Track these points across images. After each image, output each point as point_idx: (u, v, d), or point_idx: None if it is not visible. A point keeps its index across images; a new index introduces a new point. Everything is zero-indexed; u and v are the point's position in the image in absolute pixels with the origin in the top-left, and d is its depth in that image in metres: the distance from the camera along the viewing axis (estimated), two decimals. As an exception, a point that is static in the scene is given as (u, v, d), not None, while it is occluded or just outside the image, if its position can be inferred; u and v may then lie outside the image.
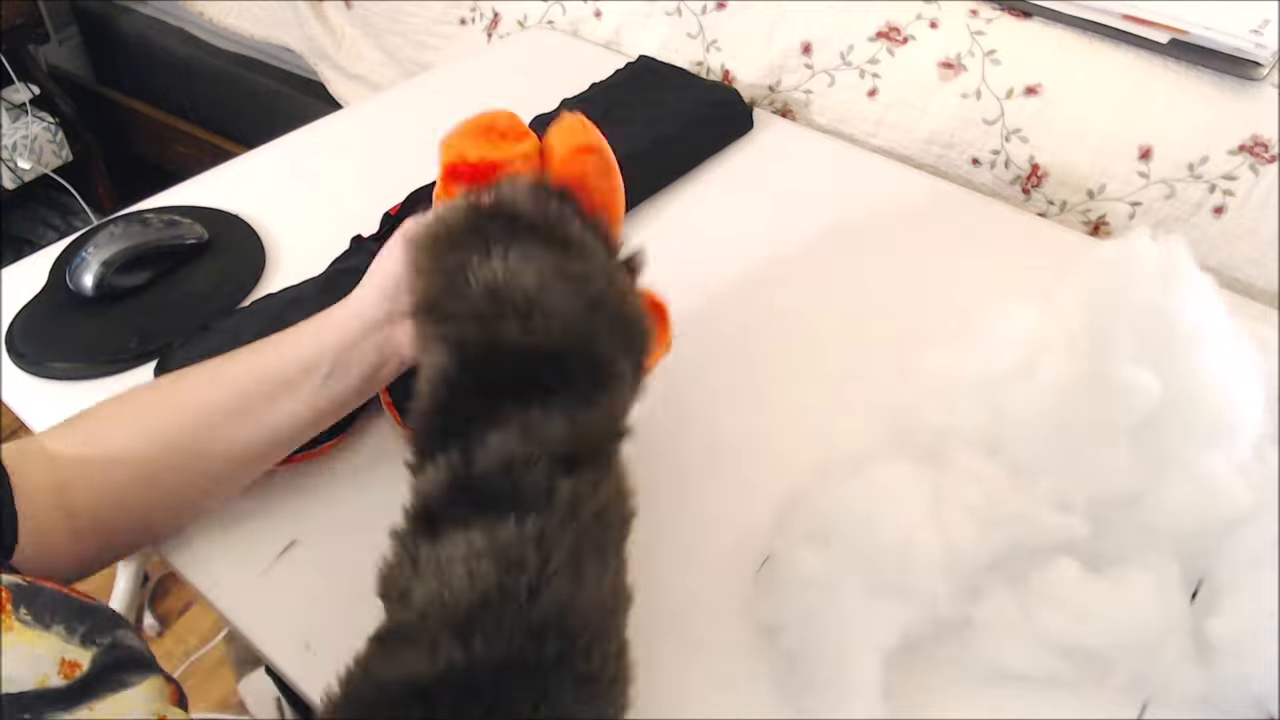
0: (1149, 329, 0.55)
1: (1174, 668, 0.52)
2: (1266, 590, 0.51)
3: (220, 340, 0.69)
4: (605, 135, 0.53)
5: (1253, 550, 0.53)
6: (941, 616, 0.53)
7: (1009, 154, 0.94)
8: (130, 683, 0.40)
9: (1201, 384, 0.55)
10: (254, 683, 1.19)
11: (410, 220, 0.53)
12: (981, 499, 0.55)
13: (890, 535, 0.53)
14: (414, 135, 0.97)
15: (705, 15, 1.07)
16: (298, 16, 1.39)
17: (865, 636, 0.52)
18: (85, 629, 0.41)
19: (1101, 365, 0.55)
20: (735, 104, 0.98)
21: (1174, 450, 0.55)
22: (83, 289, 0.76)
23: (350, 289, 0.56)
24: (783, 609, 0.55)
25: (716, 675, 0.54)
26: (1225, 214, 0.85)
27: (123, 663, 0.41)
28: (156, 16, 1.75)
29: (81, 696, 0.38)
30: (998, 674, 0.54)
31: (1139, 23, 0.87)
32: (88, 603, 0.42)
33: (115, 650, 0.41)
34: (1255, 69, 0.82)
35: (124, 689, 0.40)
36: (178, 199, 0.89)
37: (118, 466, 0.52)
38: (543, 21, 1.19)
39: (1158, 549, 0.55)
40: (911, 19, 0.96)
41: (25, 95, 1.75)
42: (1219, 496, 0.54)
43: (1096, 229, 0.92)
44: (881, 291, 0.80)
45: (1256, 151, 0.82)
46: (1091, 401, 0.55)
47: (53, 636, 0.39)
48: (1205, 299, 0.58)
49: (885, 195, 0.92)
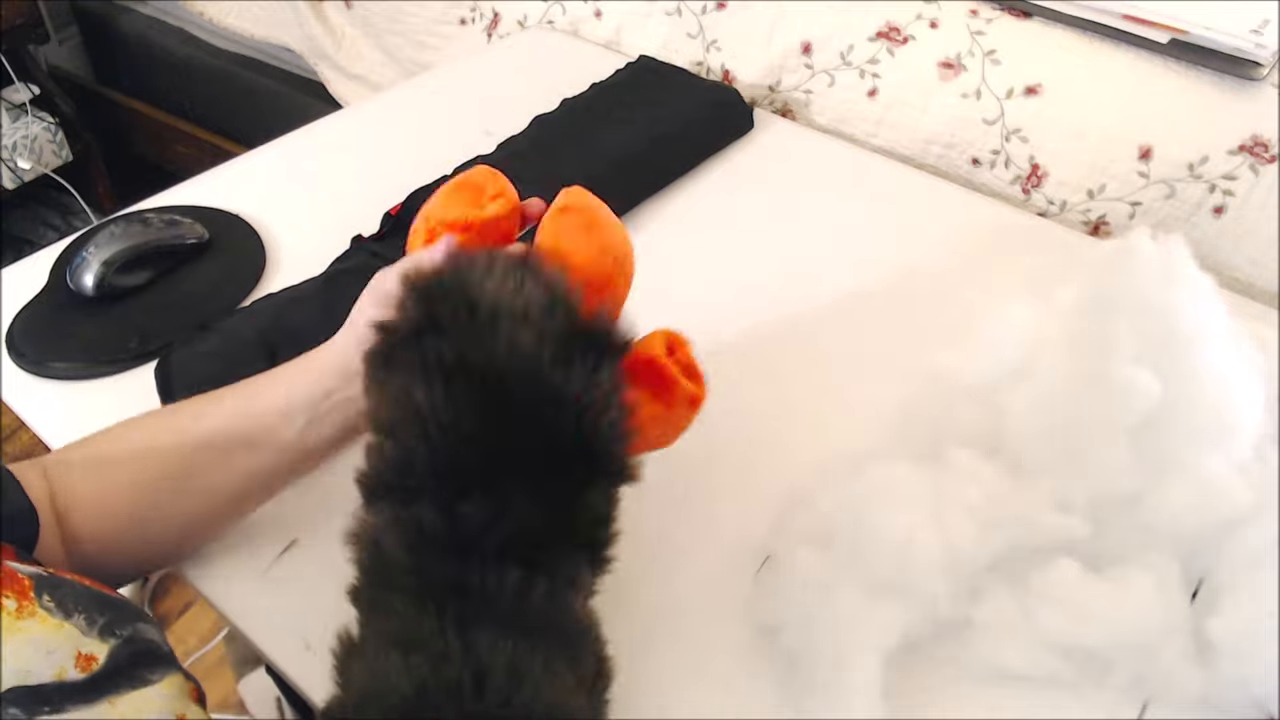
0: (1149, 329, 0.55)
1: (1174, 668, 0.52)
2: (1266, 591, 0.51)
3: (219, 340, 0.69)
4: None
5: (1253, 550, 0.53)
6: (941, 617, 0.53)
7: (1009, 154, 0.94)
8: (151, 680, 0.41)
9: (1201, 384, 0.55)
10: (254, 683, 1.19)
11: (380, 274, 0.53)
12: (981, 499, 0.55)
13: (890, 535, 0.53)
14: (414, 135, 0.98)
15: (705, 15, 1.07)
16: (298, 16, 1.39)
17: (865, 637, 0.52)
18: (105, 620, 0.41)
19: (1101, 365, 0.55)
20: (735, 104, 0.98)
21: (1174, 450, 0.55)
22: (83, 289, 0.76)
23: (350, 288, 0.56)
24: (783, 609, 0.55)
25: (716, 675, 0.54)
26: (1225, 214, 0.85)
27: (142, 657, 0.41)
28: (156, 16, 1.75)
29: (102, 691, 0.38)
30: (997, 674, 0.54)
31: (1139, 23, 0.87)
32: (110, 595, 0.43)
33: (134, 643, 0.41)
34: (1255, 69, 0.82)
35: (145, 685, 0.40)
36: (178, 199, 0.89)
37: (112, 502, 0.52)
38: (543, 21, 1.19)
39: (1158, 549, 0.55)
40: (911, 19, 0.96)
41: (25, 95, 1.75)
42: (1219, 497, 0.54)
43: (1096, 229, 0.92)
44: (881, 291, 0.80)
45: (1256, 151, 0.82)
46: (1091, 402, 0.55)
47: (71, 627, 0.40)
48: (1205, 299, 0.58)
49: (885, 195, 0.92)
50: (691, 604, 0.57)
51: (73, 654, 0.38)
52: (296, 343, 0.67)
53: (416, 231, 0.53)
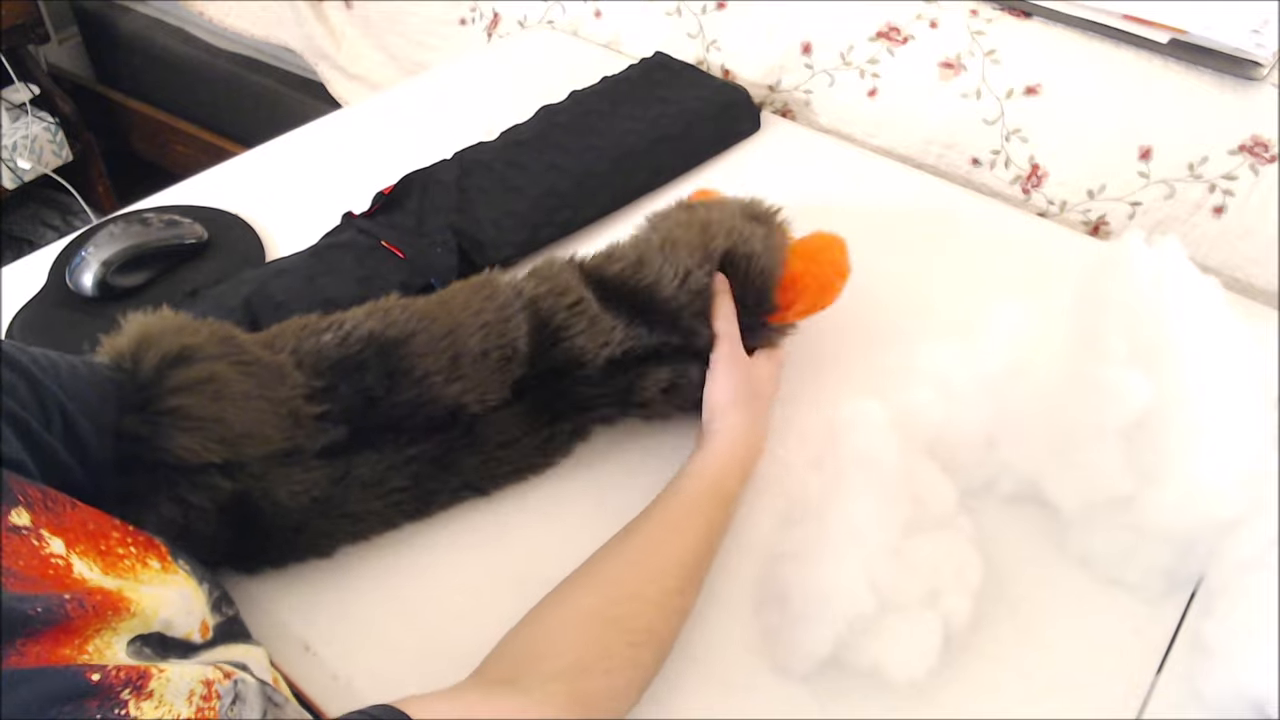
0: (1141, 331, 0.55)
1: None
2: (1262, 593, 0.51)
3: (206, 307, 0.70)
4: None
5: (1248, 552, 0.53)
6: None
7: (1009, 154, 0.94)
8: (252, 642, 0.47)
9: (1194, 386, 0.55)
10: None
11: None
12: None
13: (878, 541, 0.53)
14: (414, 135, 0.98)
15: (705, 15, 1.07)
16: (298, 16, 1.39)
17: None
18: (218, 595, 0.46)
19: (1093, 367, 0.55)
20: (743, 104, 0.98)
21: (1167, 452, 0.55)
22: (82, 289, 0.76)
23: (339, 263, 0.57)
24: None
25: (717, 677, 0.54)
26: (1225, 214, 0.85)
27: (239, 634, 0.46)
28: (156, 16, 1.75)
29: (214, 646, 0.44)
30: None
31: (1139, 23, 0.87)
32: (216, 576, 0.48)
33: (235, 623, 0.47)
34: (1255, 69, 0.82)
35: (249, 642, 0.46)
36: (178, 199, 0.89)
37: None
38: (543, 21, 1.19)
39: (1148, 550, 0.55)
40: (911, 19, 0.96)
41: (25, 95, 1.74)
42: (1211, 498, 0.54)
43: (1096, 229, 0.92)
44: (881, 291, 0.79)
45: (1256, 151, 0.82)
46: (1083, 402, 0.55)
47: (203, 592, 0.45)
48: (1201, 300, 0.58)
49: (885, 195, 0.91)
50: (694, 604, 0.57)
51: (200, 620, 0.43)
52: (279, 311, 0.68)
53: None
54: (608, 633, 0.48)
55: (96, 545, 0.41)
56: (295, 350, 0.55)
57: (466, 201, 0.82)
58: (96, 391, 0.48)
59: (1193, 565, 0.56)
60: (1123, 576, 0.57)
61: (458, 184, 0.83)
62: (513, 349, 0.59)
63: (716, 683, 0.54)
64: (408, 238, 0.78)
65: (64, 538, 0.39)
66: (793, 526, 0.58)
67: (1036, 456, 0.59)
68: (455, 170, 0.85)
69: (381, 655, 0.55)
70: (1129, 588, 0.57)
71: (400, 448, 0.57)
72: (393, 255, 0.76)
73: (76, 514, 0.41)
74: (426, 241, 0.77)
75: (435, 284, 0.74)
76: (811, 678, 0.53)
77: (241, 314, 0.69)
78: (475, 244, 0.78)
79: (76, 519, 0.41)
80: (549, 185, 0.84)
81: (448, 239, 0.77)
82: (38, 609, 0.34)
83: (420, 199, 0.82)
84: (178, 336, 0.52)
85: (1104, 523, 0.56)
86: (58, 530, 0.39)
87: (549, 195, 0.83)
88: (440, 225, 0.79)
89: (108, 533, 0.42)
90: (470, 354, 0.58)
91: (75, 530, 0.40)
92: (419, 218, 0.80)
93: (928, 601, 0.53)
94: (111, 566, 0.41)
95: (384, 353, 0.56)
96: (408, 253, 0.76)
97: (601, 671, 0.47)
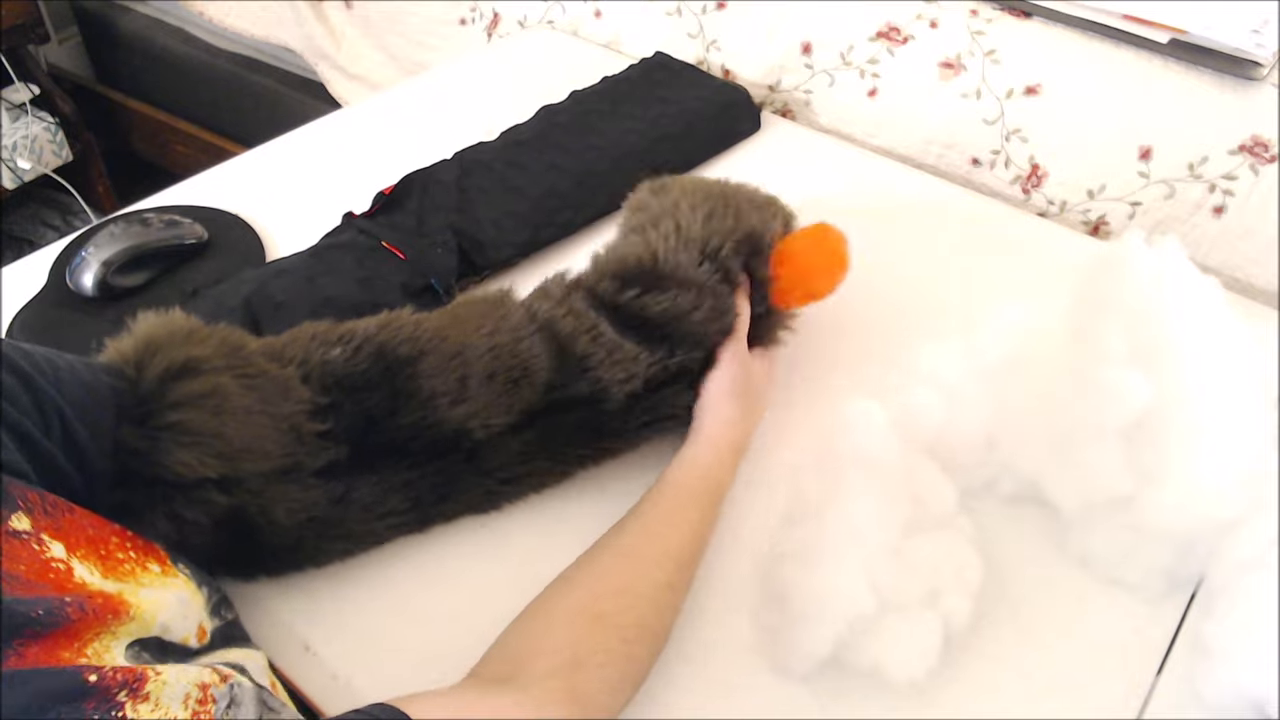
0: (1141, 331, 0.55)
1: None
2: (1262, 593, 0.51)
3: (207, 307, 0.69)
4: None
5: (1248, 552, 0.53)
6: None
7: (1009, 154, 0.94)
8: (251, 646, 0.47)
9: (1197, 385, 0.55)
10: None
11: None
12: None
13: (878, 541, 0.53)
14: (414, 135, 0.98)
15: (705, 15, 1.07)
16: (298, 16, 1.39)
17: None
18: (217, 599, 0.47)
19: (1093, 367, 0.55)
20: (743, 104, 0.98)
21: (1166, 452, 0.55)
22: (83, 289, 0.76)
23: (340, 263, 0.57)
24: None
25: (717, 677, 0.54)
26: (1225, 214, 0.85)
27: (236, 640, 0.47)
28: (156, 16, 1.75)
29: (213, 650, 0.44)
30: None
31: (1139, 23, 0.87)
32: (215, 580, 0.48)
33: (233, 627, 0.47)
34: (1255, 69, 0.82)
35: (248, 646, 0.46)
36: (178, 199, 0.89)
37: None
38: (543, 21, 1.19)
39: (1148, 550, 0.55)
40: (911, 19, 0.96)
41: (25, 95, 1.74)
42: (1214, 498, 0.54)
43: (1096, 229, 0.92)
44: (881, 291, 0.79)
45: (1256, 151, 0.82)
46: (1083, 402, 0.55)
47: (201, 596, 0.45)
48: (1200, 300, 0.58)
49: (885, 195, 0.91)
50: (693, 604, 0.57)
51: (197, 624, 0.43)
52: (279, 311, 0.68)
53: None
54: (601, 628, 0.48)
55: (96, 549, 0.41)
56: (304, 363, 0.54)
57: (467, 202, 0.82)
58: (95, 397, 0.47)
59: (1193, 565, 0.56)
60: (1123, 577, 0.57)
61: (458, 184, 0.83)
62: (523, 371, 0.58)
63: (717, 683, 0.54)
64: (408, 238, 0.78)
65: (64, 542, 0.39)
66: (793, 526, 0.58)
67: (1036, 457, 0.58)
68: (455, 170, 0.85)
69: (381, 655, 0.55)
70: (1129, 588, 0.57)
71: (400, 470, 0.56)
72: (393, 255, 0.76)
73: (76, 518, 0.41)
74: (427, 242, 0.77)
75: (435, 284, 0.74)
76: (811, 678, 0.53)
77: (241, 314, 0.69)
78: (475, 244, 0.78)
79: (76, 523, 0.41)
80: (549, 185, 0.84)
81: (448, 239, 0.77)
82: (39, 611, 0.34)
83: (420, 199, 0.82)
84: (184, 347, 0.51)
85: (1104, 523, 0.56)
86: (58, 534, 0.39)
87: (549, 195, 0.84)
88: (440, 225, 0.79)
89: (107, 537, 0.42)
90: (478, 376, 0.57)
91: (75, 534, 0.40)
92: (419, 218, 0.80)
93: (928, 602, 0.53)
94: (112, 570, 0.41)
95: (391, 372, 0.55)
96: (408, 253, 0.76)
97: (596, 666, 0.47)
